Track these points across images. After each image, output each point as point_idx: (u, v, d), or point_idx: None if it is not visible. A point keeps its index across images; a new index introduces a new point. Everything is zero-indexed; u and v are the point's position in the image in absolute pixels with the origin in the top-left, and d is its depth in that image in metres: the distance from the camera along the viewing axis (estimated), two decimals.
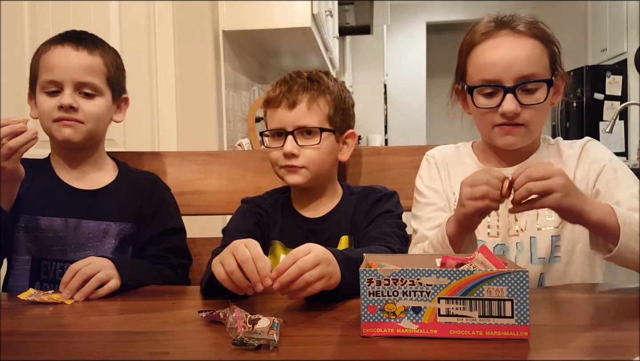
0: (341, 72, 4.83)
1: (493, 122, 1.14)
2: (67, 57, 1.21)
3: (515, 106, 1.10)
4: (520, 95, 1.11)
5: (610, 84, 5.19)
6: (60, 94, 1.21)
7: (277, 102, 1.22)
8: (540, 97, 1.11)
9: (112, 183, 1.31)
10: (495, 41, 1.13)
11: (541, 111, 1.14)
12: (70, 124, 1.21)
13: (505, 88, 1.10)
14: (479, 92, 1.14)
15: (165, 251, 1.28)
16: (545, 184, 0.91)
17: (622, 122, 5.08)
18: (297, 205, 1.30)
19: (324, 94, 1.23)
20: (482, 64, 1.13)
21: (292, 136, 1.21)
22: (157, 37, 2.31)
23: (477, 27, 1.17)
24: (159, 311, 0.97)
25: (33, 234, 1.23)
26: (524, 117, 1.12)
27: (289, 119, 1.21)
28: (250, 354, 0.70)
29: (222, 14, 2.42)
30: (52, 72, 1.20)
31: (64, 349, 0.77)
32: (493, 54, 1.12)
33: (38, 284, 1.22)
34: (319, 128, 1.22)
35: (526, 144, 1.17)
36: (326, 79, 1.26)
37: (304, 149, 1.21)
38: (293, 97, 1.21)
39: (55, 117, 1.20)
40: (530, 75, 1.10)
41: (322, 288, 0.88)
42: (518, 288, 0.71)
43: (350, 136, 1.31)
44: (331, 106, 1.24)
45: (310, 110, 1.21)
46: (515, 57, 1.10)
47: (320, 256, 0.88)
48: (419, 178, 1.27)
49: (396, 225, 1.22)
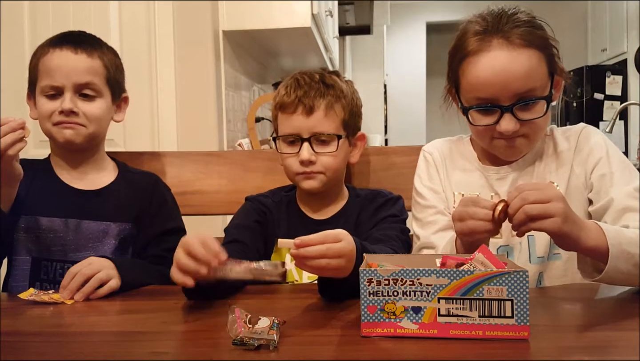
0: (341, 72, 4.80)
1: (491, 136, 1.11)
2: (67, 61, 1.21)
3: (513, 125, 1.06)
4: (519, 112, 1.06)
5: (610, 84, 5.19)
6: (60, 98, 1.21)
7: (292, 108, 1.20)
8: (540, 111, 1.07)
9: (112, 183, 1.31)
10: (488, 55, 1.06)
11: (541, 123, 1.10)
12: (71, 126, 1.21)
13: (502, 107, 1.06)
14: (475, 110, 1.10)
15: (166, 251, 1.28)
16: (544, 208, 0.87)
17: (622, 122, 5.08)
18: (302, 205, 1.30)
19: (339, 99, 1.22)
20: (475, 81, 1.07)
21: (309, 143, 1.20)
22: (157, 37, 2.31)
23: (467, 33, 1.10)
24: (159, 311, 0.97)
25: (33, 234, 1.22)
26: (523, 130, 1.08)
27: (306, 125, 1.20)
28: (250, 354, 0.70)
29: (222, 14, 2.42)
30: (51, 76, 1.20)
31: (64, 349, 0.77)
32: (487, 71, 1.06)
33: (38, 285, 1.22)
34: (336, 135, 1.21)
35: (528, 152, 1.15)
36: (339, 81, 1.25)
37: (320, 156, 1.20)
38: (310, 102, 1.19)
39: (56, 120, 1.21)
40: (528, 91, 1.05)
41: (330, 275, 0.88)
42: (518, 288, 0.71)
43: (360, 138, 1.31)
44: (346, 110, 1.23)
45: (327, 117, 1.20)
46: (510, 73, 1.04)
47: (347, 251, 0.86)
48: (418, 177, 1.26)
49: (400, 230, 1.22)
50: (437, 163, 1.24)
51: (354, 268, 0.88)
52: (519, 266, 0.75)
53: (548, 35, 1.10)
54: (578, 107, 5.16)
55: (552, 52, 1.10)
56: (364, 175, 1.48)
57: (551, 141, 1.19)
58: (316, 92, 1.20)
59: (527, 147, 1.13)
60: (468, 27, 1.11)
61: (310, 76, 1.23)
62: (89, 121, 1.23)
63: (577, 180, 1.14)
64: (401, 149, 1.52)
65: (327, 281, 0.92)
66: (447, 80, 1.18)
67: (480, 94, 1.08)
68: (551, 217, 0.87)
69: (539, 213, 0.87)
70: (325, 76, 1.24)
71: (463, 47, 1.10)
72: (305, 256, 0.84)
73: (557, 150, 1.17)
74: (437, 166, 1.24)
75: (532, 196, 0.87)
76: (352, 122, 1.25)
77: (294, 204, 1.31)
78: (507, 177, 1.17)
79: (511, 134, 1.08)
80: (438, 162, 1.24)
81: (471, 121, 1.12)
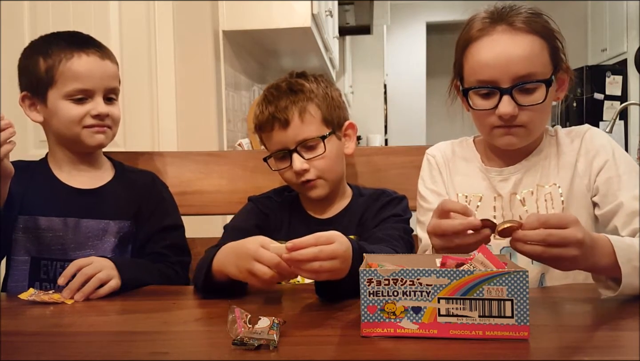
0: (341, 72, 4.83)
1: (491, 123, 1.10)
2: (97, 65, 1.23)
3: (512, 108, 1.06)
4: (518, 96, 1.06)
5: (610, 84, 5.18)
6: (87, 101, 1.22)
7: (269, 125, 1.21)
8: (539, 97, 1.07)
9: (110, 181, 1.32)
10: (490, 39, 1.08)
11: (541, 111, 1.09)
12: (103, 130, 1.24)
13: (501, 89, 1.06)
14: (475, 93, 1.10)
15: (165, 248, 1.29)
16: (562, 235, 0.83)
17: (622, 122, 5.08)
18: (306, 205, 1.30)
19: (310, 100, 1.21)
20: (477, 64, 1.09)
21: (297, 153, 1.20)
22: (157, 37, 2.31)
23: (473, 21, 1.12)
24: (159, 311, 0.97)
25: (32, 234, 1.23)
26: (522, 118, 1.08)
27: (287, 138, 1.20)
28: (250, 354, 0.70)
29: (222, 14, 2.42)
30: (81, 80, 1.21)
31: (64, 349, 0.77)
32: (488, 53, 1.07)
33: (37, 284, 1.22)
34: (320, 137, 1.21)
35: (527, 143, 1.15)
36: (307, 83, 1.24)
37: (312, 162, 1.21)
38: (283, 115, 1.19)
39: (88, 124, 1.22)
40: (528, 75, 1.06)
41: (325, 279, 0.87)
42: (518, 288, 0.71)
43: (349, 127, 1.30)
44: (322, 108, 1.22)
45: (305, 122, 1.20)
46: (511, 56, 1.05)
47: (341, 252, 0.86)
48: (421, 180, 1.26)
49: (403, 230, 1.21)
50: (440, 166, 1.24)
51: (352, 268, 0.88)
52: (519, 266, 0.75)
53: (553, 28, 1.11)
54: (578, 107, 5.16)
55: (556, 45, 1.11)
56: (365, 175, 1.48)
57: (555, 142, 1.18)
58: (286, 102, 1.20)
59: (526, 138, 1.12)
60: (474, 17, 1.13)
61: (277, 88, 1.23)
62: (114, 124, 1.27)
63: (581, 182, 1.14)
64: (401, 149, 1.52)
65: (324, 283, 0.92)
66: (453, 70, 1.18)
67: (481, 76, 1.08)
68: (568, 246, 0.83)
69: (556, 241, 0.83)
70: (292, 82, 1.24)
71: (468, 34, 1.12)
72: (298, 260, 0.84)
73: (561, 151, 1.17)
74: (440, 169, 1.24)
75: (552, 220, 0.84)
76: (333, 116, 1.24)
77: (298, 204, 1.31)
78: (510, 178, 1.17)
79: (509, 120, 1.07)
80: (441, 165, 1.24)
81: (471, 105, 1.11)
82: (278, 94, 1.22)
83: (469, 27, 1.12)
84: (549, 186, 1.15)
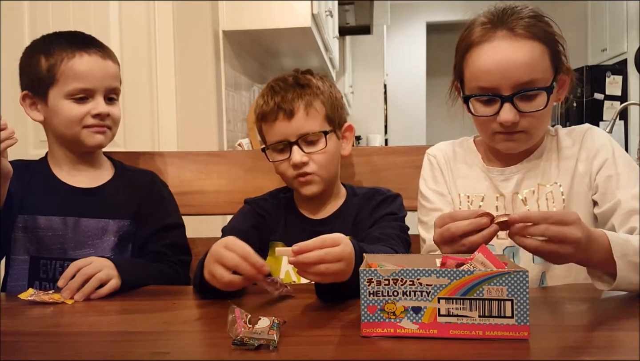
0: (341, 72, 4.83)
1: (492, 129, 1.10)
2: (99, 65, 1.23)
3: (513, 116, 1.06)
4: (519, 103, 1.06)
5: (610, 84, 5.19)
6: (88, 101, 1.22)
7: (273, 115, 1.21)
8: (540, 104, 1.07)
9: (110, 180, 1.32)
10: (491, 45, 1.07)
11: (542, 117, 1.09)
12: (102, 131, 1.24)
13: (502, 97, 1.06)
14: (475, 99, 1.10)
15: (165, 247, 1.28)
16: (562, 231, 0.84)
17: (622, 122, 5.08)
18: (300, 206, 1.30)
19: (317, 96, 1.22)
20: (477, 70, 1.08)
21: (298, 146, 1.20)
22: (157, 37, 2.31)
23: (473, 25, 1.11)
24: (159, 311, 0.97)
25: (31, 233, 1.23)
26: (523, 124, 1.08)
27: (290, 129, 1.20)
28: (250, 354, 0.70)
29: (222, 14, 2.42)
30: (82, 79, 1.21)
31: (64, 349, 0.77)
32: (489, 60, 1.06)
33: (37, 284, 1.22)
34: (322, 132, 1.21)
35: (528, 147, 1.15)
36: (314, 79, 1.25)
37: (311, 156, 1.21)
38: (289, 106, 1.19)
39: (88, 123, 1.22)
40: (529, 81, 1.05)
41: (330, 281, 0.87)
42: (518, 288, 0.71)
43: (348, 129, 1.31)
44: (327, 105, 1.23)
45: (309, 116, 1.20)
46: (512, 63, 1.04)
47: (346, 254, 0.86)
48: (423, 180, 1.26)
49: (399, 228, 1.21)
50: (442, 166, 1.24)
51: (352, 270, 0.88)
52: (519, 266, 0.75)
53: (554, 31, 1.10)
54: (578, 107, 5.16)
55: (557, 49, 1.10)
56: (364, 175, 1.48)
57: (556, 141, 1.19)
58: (293, 94, 1.20)
59: (527, 142, 1.13)
60: (475, 20, 1.12)
61: (284, 81, 1.24)
62: (114, 124, 1.27)
63: (582, 181, 1.14)
64: (401, 149, 1.52)
65: (324, 284, 0.91)
66: (453, 72, 1.18)
67: (482, 83, 1.08)
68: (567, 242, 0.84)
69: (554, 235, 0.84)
70: (299, 77, 1.25)
71: (468, 38, 1.11)
72: (304, 263, 0.84)
73: (561, 151, 1.17)
74: (441, 169, 1.24)
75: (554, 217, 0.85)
76: (335, 115, 1.25)
77: (292, 205, 1.31)
78: (512, 178, 1.17)
79: (511, 126, 1.08)
80: (442, 165, 1.24)
81: (473, 112, 1.11)
82: (285, 86, 1.22)
83: (469, 31, 1.12)
84: (550, 185, 1.15)
